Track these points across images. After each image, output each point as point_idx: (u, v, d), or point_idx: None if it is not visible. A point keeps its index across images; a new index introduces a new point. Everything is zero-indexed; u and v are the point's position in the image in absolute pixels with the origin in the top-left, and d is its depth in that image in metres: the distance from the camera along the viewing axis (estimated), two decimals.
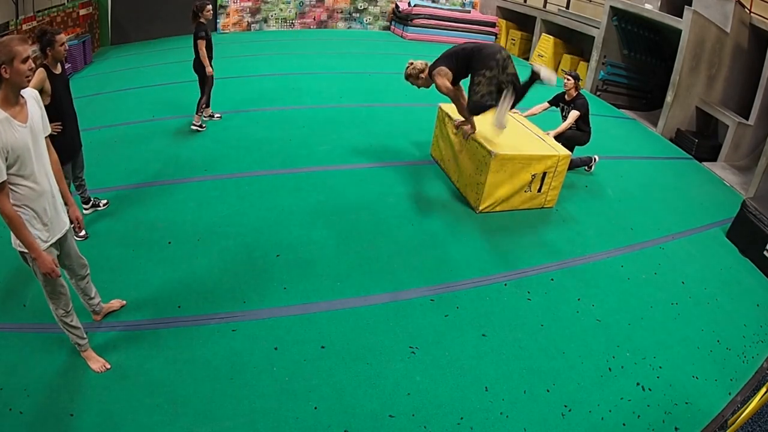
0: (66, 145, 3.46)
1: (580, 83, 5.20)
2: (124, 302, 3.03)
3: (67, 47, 3.31)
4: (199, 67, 5.50)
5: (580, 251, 4.14)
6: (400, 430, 2.45)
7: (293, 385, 2.62)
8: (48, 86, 3.25)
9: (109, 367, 2.63)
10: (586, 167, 5.60)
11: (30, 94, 2.23)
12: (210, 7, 5.42)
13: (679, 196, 5.55)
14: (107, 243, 3.62)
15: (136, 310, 3.02)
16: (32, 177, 2.14)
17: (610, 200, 5.12)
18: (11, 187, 2.09)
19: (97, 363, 2.63)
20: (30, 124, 2.13)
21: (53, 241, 2.31)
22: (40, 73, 3.20)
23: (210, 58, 5.56)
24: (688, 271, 4.10)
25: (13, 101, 2.07)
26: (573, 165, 5.49)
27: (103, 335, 2.80)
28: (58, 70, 3.33)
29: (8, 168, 2.04)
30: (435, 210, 4.45)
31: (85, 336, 2.59)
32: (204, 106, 5.73)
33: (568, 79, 5.13)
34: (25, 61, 2.03)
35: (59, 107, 3.37)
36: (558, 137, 5.09)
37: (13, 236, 2.18)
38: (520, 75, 4.29)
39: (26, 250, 2.19)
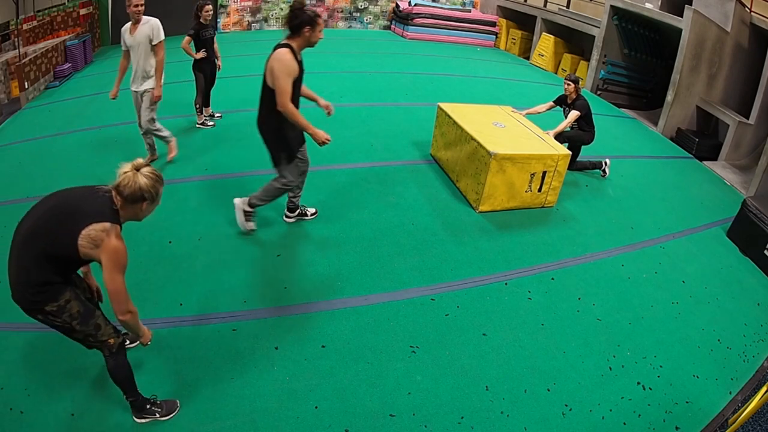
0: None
1: (579, 86, 5.21)
2: None
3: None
4: (195, 68, 5.52)
5: (581, 250, 4.13)
6: (400, 430, 2.45)
7: (294, 385, 2.62)
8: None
9: None
10: (601, 172, 5.54)
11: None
12: (209, 7, 5.40)
13: (679, 196, 5.55)
14: None
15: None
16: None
17: (610, 199, 5.12)
18: None
19: None
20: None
21: None
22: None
23: (212, 57, 5.57)
24: (689, 271, 4.09)
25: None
26: (582, 167, 5.48)
27: None
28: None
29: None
30: (435, 210, 4.45)
31: None
32: (202, 106, 5.73)
33: (568, 84, 5.14)
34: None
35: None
36: (561, 137, 5.09)
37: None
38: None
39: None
